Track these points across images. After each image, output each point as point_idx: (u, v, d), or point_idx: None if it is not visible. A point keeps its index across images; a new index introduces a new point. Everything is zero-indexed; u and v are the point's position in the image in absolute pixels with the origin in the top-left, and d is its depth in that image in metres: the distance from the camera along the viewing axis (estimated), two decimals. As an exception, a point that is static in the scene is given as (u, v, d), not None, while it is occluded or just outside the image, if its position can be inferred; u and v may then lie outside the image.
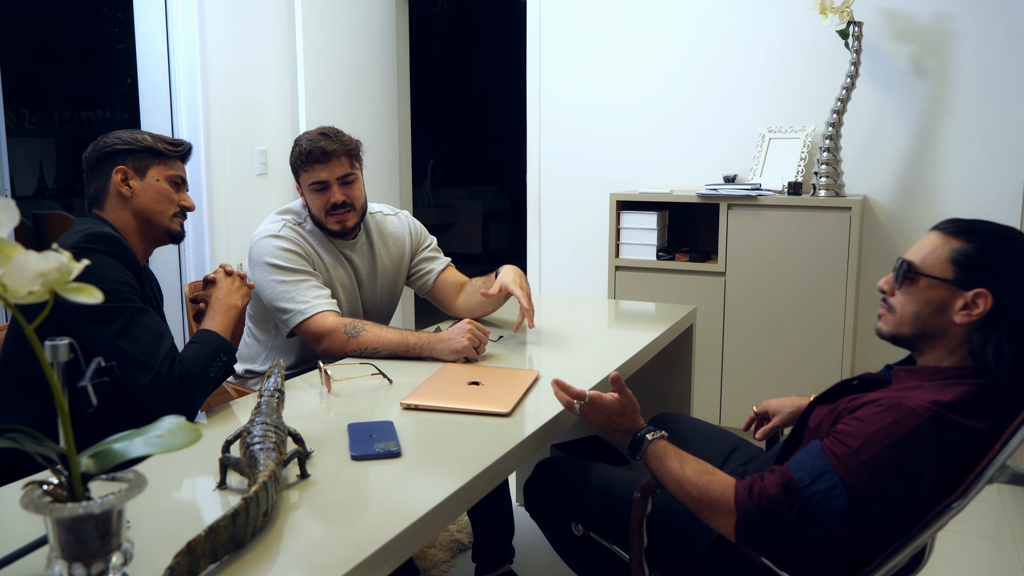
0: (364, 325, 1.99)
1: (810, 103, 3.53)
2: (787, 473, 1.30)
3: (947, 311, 1.36)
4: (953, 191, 3.37)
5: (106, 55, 5.86)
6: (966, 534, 2.66)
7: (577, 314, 2.60)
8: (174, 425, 0.90)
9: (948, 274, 1.36)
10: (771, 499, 1.28)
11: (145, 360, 1.52)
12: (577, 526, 1.67)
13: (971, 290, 1.34)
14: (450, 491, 1.23)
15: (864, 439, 1.26)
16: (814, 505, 1.26)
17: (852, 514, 1.26)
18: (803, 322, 3.26)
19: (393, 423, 1.49)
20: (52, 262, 0.77)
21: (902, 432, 1.25)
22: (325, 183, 2.11)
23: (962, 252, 1.36)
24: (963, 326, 1.35)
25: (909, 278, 1.40)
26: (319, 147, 2.09)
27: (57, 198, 5.67)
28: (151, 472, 1.28)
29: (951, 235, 1.39)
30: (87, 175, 1.76)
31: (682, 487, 1.38)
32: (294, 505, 1.19)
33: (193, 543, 0.95)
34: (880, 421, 1.27)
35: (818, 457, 1.29)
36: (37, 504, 0.82)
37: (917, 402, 1.27)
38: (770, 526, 1.29)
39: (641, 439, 1.46)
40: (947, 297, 1.36)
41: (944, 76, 3.34)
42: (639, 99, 3.85)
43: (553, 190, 4.08)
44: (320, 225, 2.17)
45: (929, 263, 1.38)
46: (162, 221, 1.75)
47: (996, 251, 1.35)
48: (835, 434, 1.31)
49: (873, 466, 1.25)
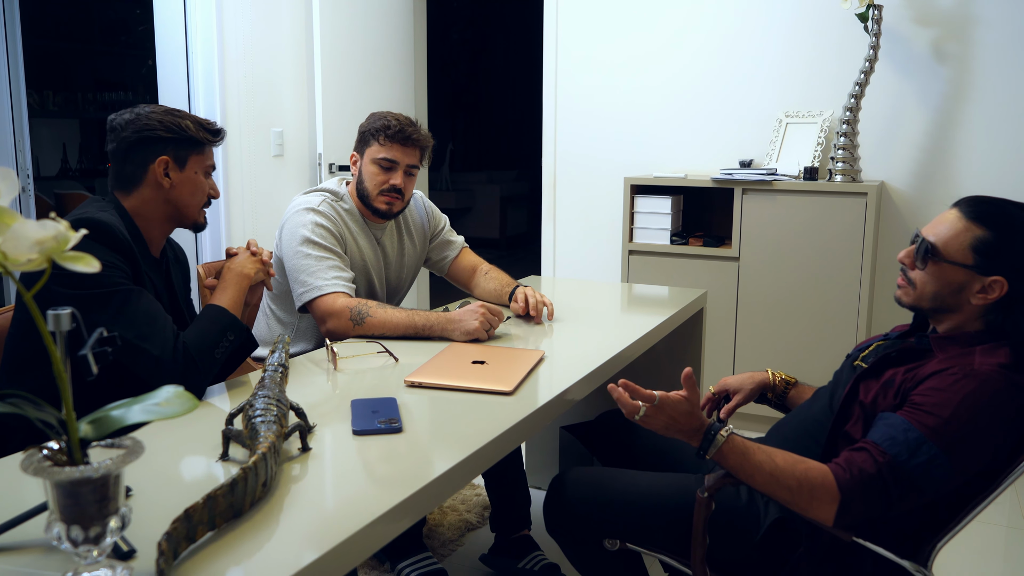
0: (370, 310, 1.98)
1: (828, 87, 3.50)
2: (881, 450, 1.33)
3: (965, 292, 1.46)
4: (972, 178, 3.32)
5: (128, 36, 5.90)
6: (979, 522, 2.64)
7: (589, 297, 2.61)
8: (171, 394, 0.92)
9: (969, 260, 1.45)
10: (873, 478, 1.31)
11: (143, 343, 1.50)
12: (612, 541, 1.57)
13: (989, 276, 1.43)
14: (448, 466, 1.25)
15: (953, 408, 1.33)
16: (917, 477, 1.31)
17: (952, 481, 1.32)
18: (816, 308, 3.24)
19: (396, 400, 1.51)
20: (49, 230, 0.79)
21: (986, 397, 1.34)
22: (395, 163, 2.15)
23: (983, 240, 1.44)
24: (977, 307, 1.46)
25: (933, 260, 1.48)
26: (407, 130, 2.14)
27: (80, 179, 5.75)
28: (156, 443, 1.31)
29: (972, 220, 1.46)
30: (120, 153, 1.69)
31: (777, 480, 1.36)
32: (294, 477, 1.21)
33: (191, 510, 0.97)
34: (963, 389, 1.35)
35: (909, 431, 1.34)
36: (37, 467, 0.84)
37: (987, 368, 1.37)
38: (873, 504, 1.32)
39: (715, 436, 1.40)
40: (966, 280, 1.45)
41: (965, 61, 3.29)
42: (655, 83, 3.83)
43: (568, 174, 4.07)
44: (366, 200, 2.19)
45: (952, 249, 1.46)
46: (191, 213, 1.75)
47: (1013, 241, 1.43)
48: (917, 407, 1.36)
49: (967, 432, 1.32)
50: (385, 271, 2.30)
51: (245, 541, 1.01)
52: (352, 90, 3.86)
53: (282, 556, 0.98)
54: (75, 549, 0.86)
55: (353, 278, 2.11)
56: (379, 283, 2.28)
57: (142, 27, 5.31)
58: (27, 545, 0.99)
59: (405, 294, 2.44)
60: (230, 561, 0.97)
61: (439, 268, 2.47)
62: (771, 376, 1.90)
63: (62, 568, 0.91)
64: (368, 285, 2.25)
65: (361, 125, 2.22)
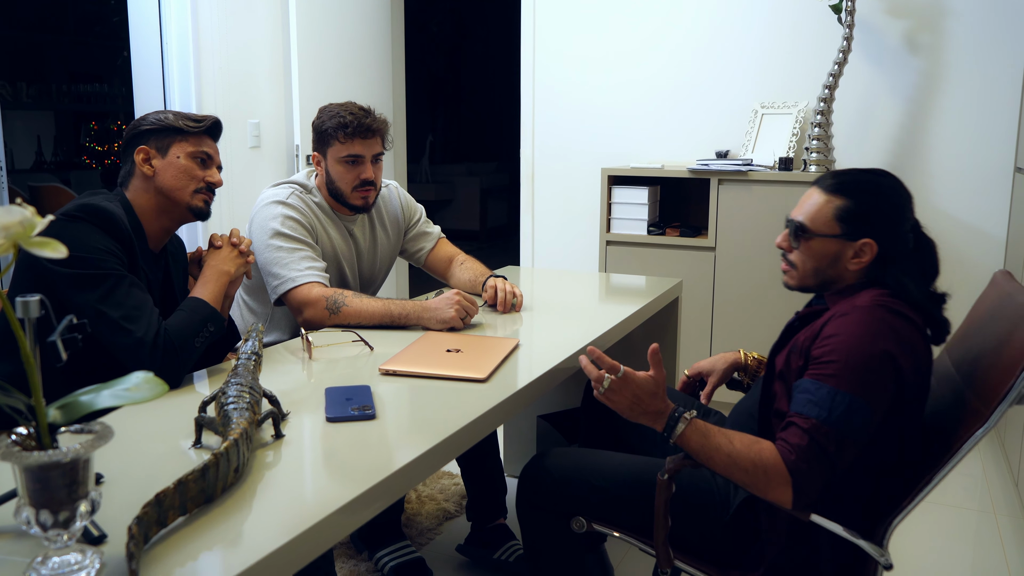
0: (346, 299, 1.99)
1: (803, 79, 3.53)
2: (804, 417, 1.35)
3: (841, 260, 1.52)
4: (945, 167, 3.37)
5: (103, 27, 5.85)
6: (950, 506, 2.69)
7: (566, 287, 2.62)
8: (140, 379, 0.92)
9: (836, 230, 1.51)
10: (808, 447, 1.33)
11: (128, 324, 1.54)
12: (580, 522, 1.58)
13: (858, 240, 1.50)
14: (420, 452, 1.26)
15: (847, 349, 1.37)
16: (844, 429, 1.33)
17: (875, 418, 1.35)
18: (792, 297, 3.27)
19: (370, 387, 1.52)
20: (15, 216, 0.79)
21: (873, 325, 1.38)
22: (360, 157, 2.12)
23: (844, 208, 1.51)
24: (857, 270, 1.51)
25: (803, 237, 1.54)
26: (364, 123, 2.10)
27: (55, 171, 5.69)
28: (129, 430, 1.31)
29: (831, 192, 1.53)
30: (121, 154, 1.81)
31: (735, 463, 1.38)
32: (267, 464, 1.22)
33: (162, 495, 0.97)
34: (849, 328, 1.39)
35: (819, 388, 1.37)
36: (5, 452, 0.85)
37: (864, 301, 1.43)
38: (820, 472, 1.34)
39: (678, 420, 1.42)
40: (839, 250, 1.52)
41: (937, 52, 3.33)
42: (632, 75, 3.84)
43: (546, 165, 4.09)
44: (339, 198, 2.17)
45: (819, 223, 1.53)
46: (182, 198, 1.76)
47: (872, 203, 1.51)
48: (818, 361, 1.40)
49: (868, 365, 1.36)
50: (358, 262, 2.30)
51: (216, 525, 1.02)
52: (329, 81, 3.85)
53: (253, 540, 0.99)
54: (44, 533, 0.86)
55: (326, 268, 2.11)
56: (351, 274, 2.28)
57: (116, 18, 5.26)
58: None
59: (380, 284, 2.44)
60: (201, 545, 0.98)
61: (416, 259, 2.47)
62: (743, 356, 1.93)
63: (32, 553, 0.92)
64: (340, 276, 2.24)
65: (314, 123, 2.17)
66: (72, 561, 0.89)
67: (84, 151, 5.99)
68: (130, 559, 0.89)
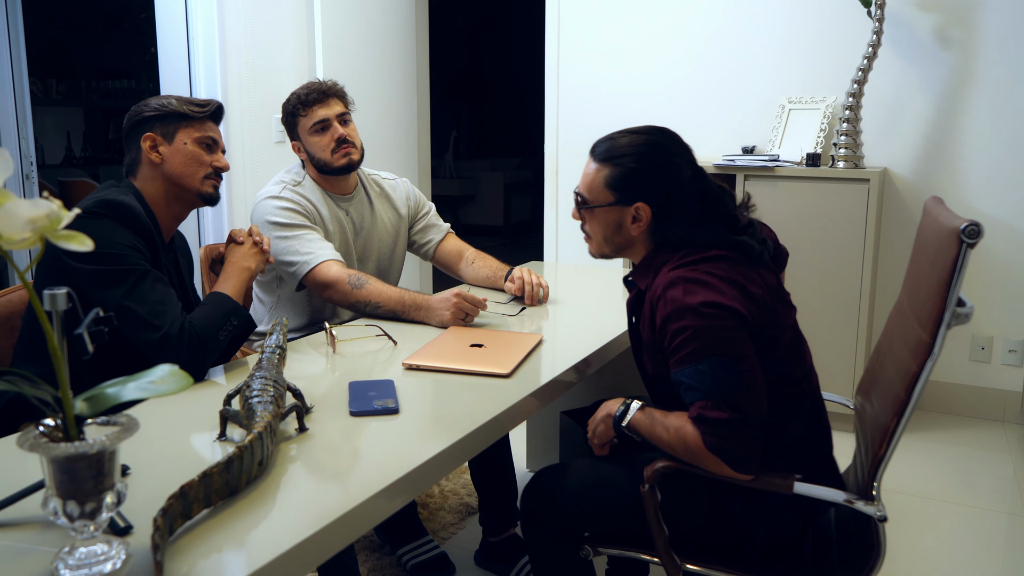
0: (368, 279, 2.05)
1: (831, 73, 3.48)
2: (692, 406, 1.38)
3: (624, 226, 1.55)
4: (977, 164, 3.31)
5: (130, 24, 5.91)
6: (979, 508, 2.65)
7: (589, 282, 2.61)
8: (166, 372, 0.93)
9: (610, 198, 1.55)
10: (711, 424, 1.35)
11: (153, 320, 1.55)
12: (585, 548, 1.58)
13: (631, 205, 1.53)
14: (443, 446, 1.26)
15: (678, 328, 1.39)
16: (722, 389, 1.35)
17: (740, 362, 1.36)
18: (818, 295, 3.24)
19: (393, 382, 1.52)
20: (42, 209, 0.79)
21: (679, 295, 1.40)
22: (326, 121, 2.18)
23: (612, 176, 1.54)
24: (641, 233, 1.55)
25: (585, 208, 1.59)
26: (315, 89, 2.19)
27: (84, 166, 5.76)
28: (155, 422, 1.32)
29: (600, 161, 1.57)
30: (124, 142, 1.79)
31: (674, 449, 1.42)
32: (291, 457, 1.22)
33: (187, 487, 0.98)
34: (668, 310, 1.41)
35: (684, 373, 1.39)
36: (33, 443, 0.86)
37: (662, 281, 1.45)
38: (738, 437, 1.35)
39: (629, 404, 1.51)
40: (619, 216, 1.55)
41: (969, 47, 3.27)
42: (657, 69, 3.81)
43: (570, 160, 4.07)
44: (327, 168, 2.20)
45: (595, 193, 1.57)
46: (192, 184, 1.76)
47: (636, 167, 1.53)
48: (670, 355, 1.42)
49: (698, 326, 1.37)
50: (355, 238, 2.31)
51: (240, 518, 1.02)
52: (353, 77, 3.86)
53: (276, 533, 0.99)
54: (71, 524, 0.87)
55: (335, 247, 2.15)
56: (348, 251, 2.28)
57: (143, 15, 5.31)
58: (26, 521, 1.00)
59: (391, 273, 2.42)
60: (225, 538, 0.98)
61: (425, 253, 2.46)
62: None
63: (59, 543, 0.92)
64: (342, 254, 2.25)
65: (282, 120, 2.28)
66: (98, 552, 0.89)
67: (112, 146, 6.06)
68: (155, 551, 0.89)
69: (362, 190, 2.34)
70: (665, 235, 1.52)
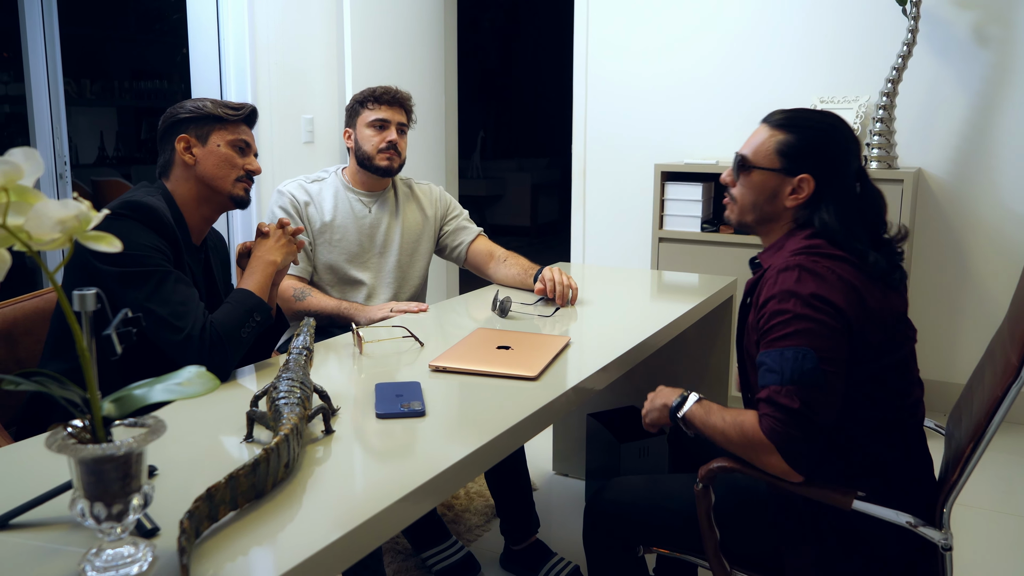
0: (310, 291, 2.24)
1: (864, 72, 3.43)
2: (765, 388, 1.36)
3: (779, 196, 1.53)
4: (1015, 165, 3.24)
5: (163, 25, 5.97)
6: (1008, 514, 2.59)
7: (617, 283, 2.59)
8: (193, 374, 0.92)
9: (776, 164, 1.52)
10: (776, 411, 1.33)
11: (176, 321, 1.54)
12: (640, 549, 1.61)
13: (796, 176, 1.50)
14: (470, 449, 1.25)
15: (776, 310, 1.39)
16: (800, 381, 1.33)
17: (828, 362, 1.34)
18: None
19: (420, 384, 1.51)
20: (71, 210, 0.79)
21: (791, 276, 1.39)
22: (387, 122, 2.31)
23: (786, 143, 1.52)
24: (793, 208, 1.52)
25: (744, 170, 1.56)
26: (391, 91, 2.33)
27: (117, 166, 5.83)
28: (182, 424, 1.32)
29: (776, 127, 1.54)
30: (158, 143, 1.80)
31: (728, 439, 1.41)
32: (317, 459, 1.21)
33: (213, 489, 0.97)
34: (773, 291, 1.41)
35: (768, 357, 1.38)
36: (61, 445, 0.85)
37: (781, 260, 1.44)
38: (798, 431, 1.32)
39: (687, 396, 1.53)
40: (777, 184, 1.53)
41: (1007, 44, 3.20)
42: (686, 68, 3.78)
43: (598, 160, 4.05)
44: (368, 163, 2.31)
45: (760, 156, 1.54)
46: (224, 187, 1.77)
47: (813, 139, 1.51)
48: (762, 335, 1.42)
49: (797, 313, 1.36)
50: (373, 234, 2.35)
51: (266, 521, 1.02)
52: (382, 78, 3.86)
53: (303, 536, 0.99)
54: (98, 526, 0.87)
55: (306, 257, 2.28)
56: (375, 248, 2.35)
57: (176, 15, 5.36)
58: (53, 522, 1.01)
59: (415, 264, 2.42)
60: (251, 540, 0.97)
61: (457, 255, 2.47)
62: None
63: (86, 544, 0.92)
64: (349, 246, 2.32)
65: (347, 106, 2.40)
66: (125, 554, 0.89)
67: (144, 146, 6.12)
68: (182, 553, 0.89)
69: (391, 191, 2.41)
70: (812, 217, 1.50)
